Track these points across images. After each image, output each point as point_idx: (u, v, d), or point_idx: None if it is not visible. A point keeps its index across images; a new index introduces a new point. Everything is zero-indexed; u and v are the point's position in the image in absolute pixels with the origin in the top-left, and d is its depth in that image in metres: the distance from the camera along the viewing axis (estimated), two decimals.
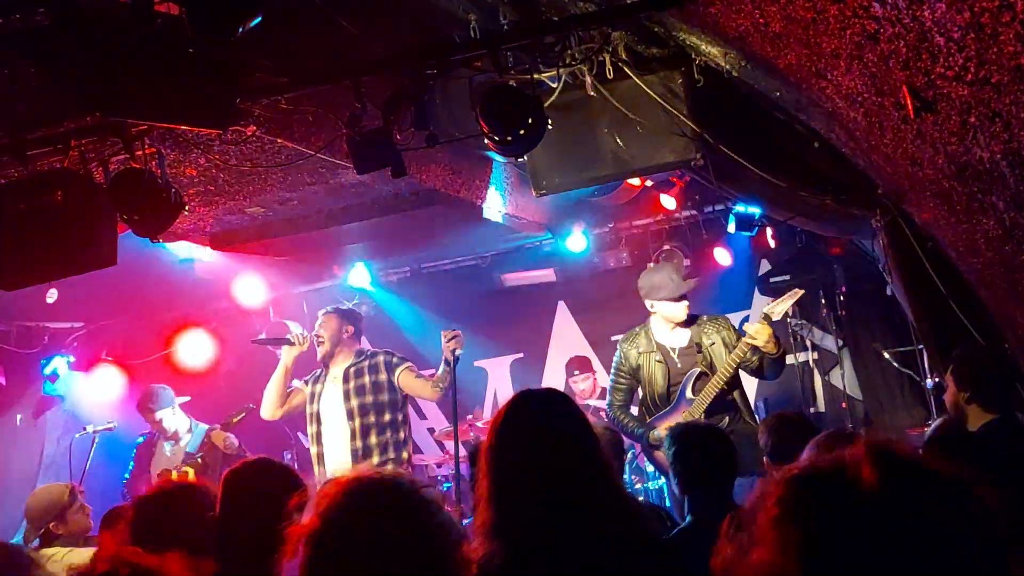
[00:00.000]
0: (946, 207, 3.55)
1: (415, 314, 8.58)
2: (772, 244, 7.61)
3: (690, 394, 5.42)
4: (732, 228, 6.62)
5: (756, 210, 6.42)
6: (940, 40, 2.36)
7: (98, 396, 8.01)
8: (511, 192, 6.43)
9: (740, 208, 6.48)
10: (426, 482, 2.44)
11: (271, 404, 5.91)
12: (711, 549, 1.46)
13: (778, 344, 5.25)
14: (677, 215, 7.82)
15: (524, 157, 4.63)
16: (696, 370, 5.45)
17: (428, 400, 6.42)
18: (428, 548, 1.63)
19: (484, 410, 8.20)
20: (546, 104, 4.18)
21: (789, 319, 7.79)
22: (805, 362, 8.00)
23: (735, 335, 5.46)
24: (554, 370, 8.60)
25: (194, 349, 8.39)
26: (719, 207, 7.39)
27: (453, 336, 5.28)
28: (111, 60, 3.23)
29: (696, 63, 4.36)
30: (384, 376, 5.70)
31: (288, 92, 3.91)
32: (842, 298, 7.73)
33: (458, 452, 5.48)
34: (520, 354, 8.90)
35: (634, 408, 5.84)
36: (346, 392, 5.71)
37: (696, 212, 7.81)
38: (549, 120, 4.07)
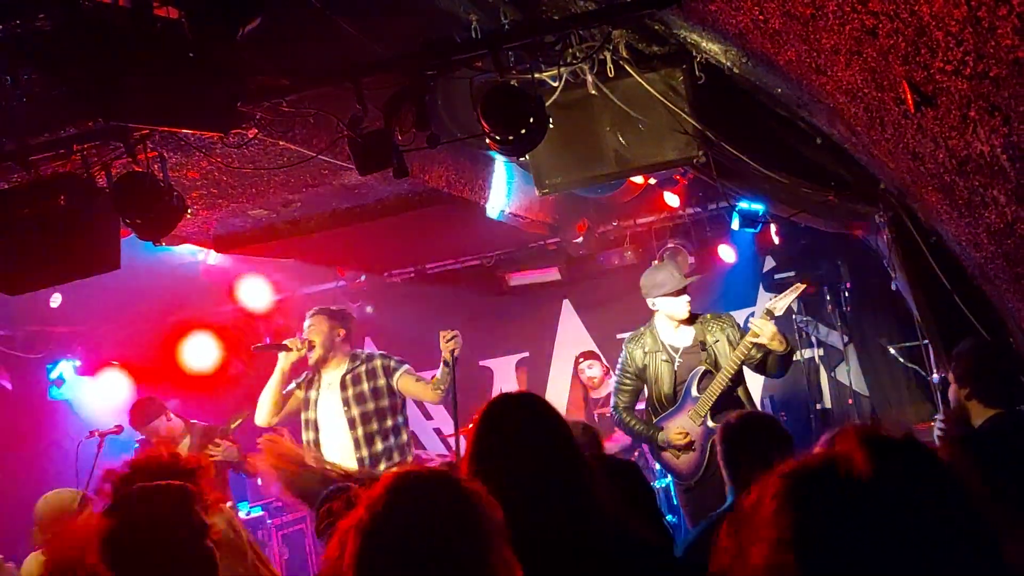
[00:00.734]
0: (948, 201, 3.54)
1: (420, 315, 8.59)
2: (776, 241, 7.58)
3: (695, 392, 5.42)
4: (736, 225, 6.60)
5: (760, 207, 6.40)
6: (938, 34, 2.35)
7: (104, 400, 8.03)
8: (514, 191, 6.42)
9: (744, 205, 6.47)
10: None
11: (267, 411, 5.63)
12: None
13: (785, 341, 5.23)
14: (681, 212, 7.82)
15: (526, 156, 4.63)
16: (701, 368, 5.44)
17: (429, 403, 6.36)
18: (476, 536, 1.67)
19: None
20: (547, 103, 4.18)
21: (794, 315, 7.79)
22: (811, 358, 7.99)
23: (739, 332, 5.45)
24: (560, 368, 8.61)
25: (199, 352, 8.40)
26: (723, 204, 7.35)
27: (451, 336, 5.16)
28: (112, 65, 3.23)
29: (697, 60, 4.35)
30: (383, 381, 5.57)
31: (289, 94, 3.92)
32: (847, 294, 7.72)
33: (459, 452, 5.47)
34: (525, 353, 8.90)
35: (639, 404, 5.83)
36: (345, 400, 5.54)
37: (700, 209, 7.81)
38: (551, 119, 4.07)
